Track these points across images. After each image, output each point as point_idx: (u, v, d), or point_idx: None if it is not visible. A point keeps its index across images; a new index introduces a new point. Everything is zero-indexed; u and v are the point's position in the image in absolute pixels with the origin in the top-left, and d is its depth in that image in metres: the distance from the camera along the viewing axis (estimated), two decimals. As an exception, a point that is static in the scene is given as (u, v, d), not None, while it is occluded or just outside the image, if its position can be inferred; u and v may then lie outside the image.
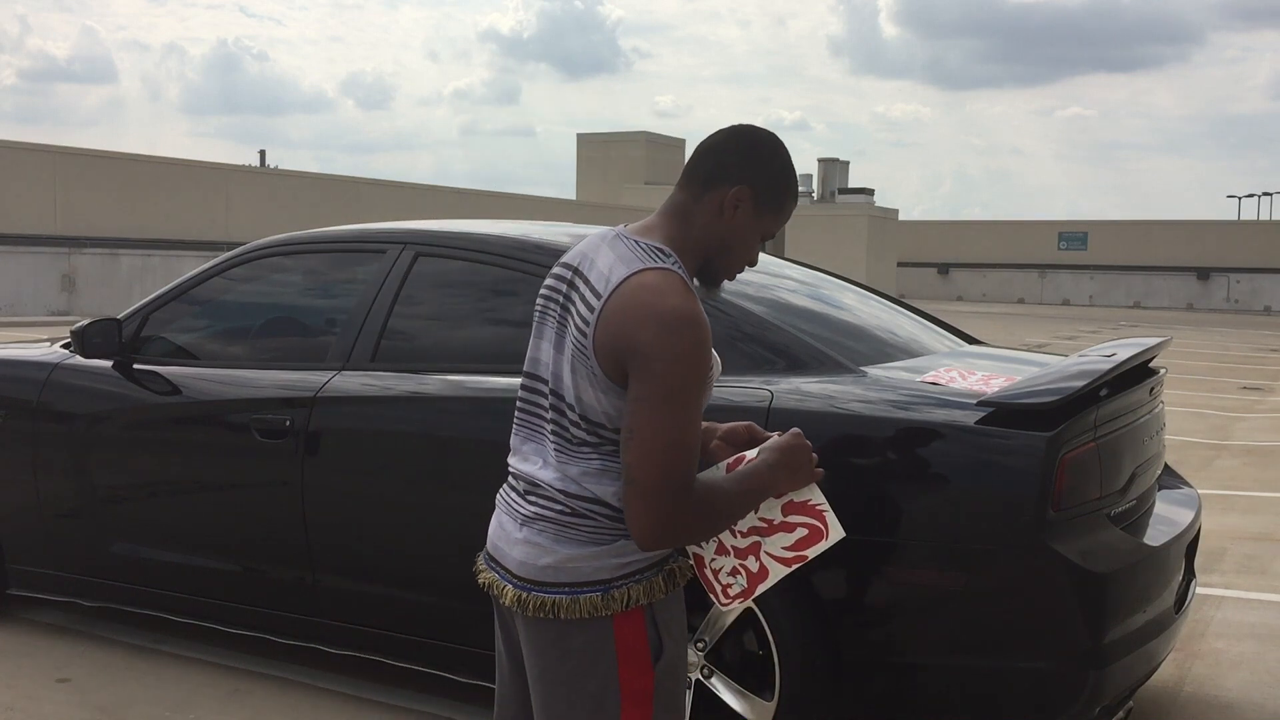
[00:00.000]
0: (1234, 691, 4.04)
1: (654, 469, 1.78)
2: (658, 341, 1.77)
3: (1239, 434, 10.27)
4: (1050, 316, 33.76)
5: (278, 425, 3.74)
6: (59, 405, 4.32)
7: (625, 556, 1.88)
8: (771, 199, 1.96)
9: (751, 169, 1.94)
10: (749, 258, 2.00)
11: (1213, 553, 5.76)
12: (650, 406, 1.78)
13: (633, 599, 1.87)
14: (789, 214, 2.01)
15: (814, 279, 4.15)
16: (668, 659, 1.92)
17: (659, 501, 1.79)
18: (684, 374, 1.79)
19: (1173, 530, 3.38)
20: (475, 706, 3.70)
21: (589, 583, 1.86)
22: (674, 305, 1.80)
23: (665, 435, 1.78)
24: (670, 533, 1.83)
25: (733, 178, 1.92)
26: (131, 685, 3.95)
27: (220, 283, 4.31)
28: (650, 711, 1.89)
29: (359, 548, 3.69)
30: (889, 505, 2.97)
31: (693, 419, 1.81)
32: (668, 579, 1.92)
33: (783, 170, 1.98)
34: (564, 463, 1.89)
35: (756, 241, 1.99)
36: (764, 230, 1.98)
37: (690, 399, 1.80)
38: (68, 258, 24.48)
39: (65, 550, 4.33)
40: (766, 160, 1.95)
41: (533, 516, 1.91)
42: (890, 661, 3.02)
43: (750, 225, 1.96)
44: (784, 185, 1.98)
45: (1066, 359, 3.39)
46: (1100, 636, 2.86)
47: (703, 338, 1.81)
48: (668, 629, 1.92)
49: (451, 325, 3.83)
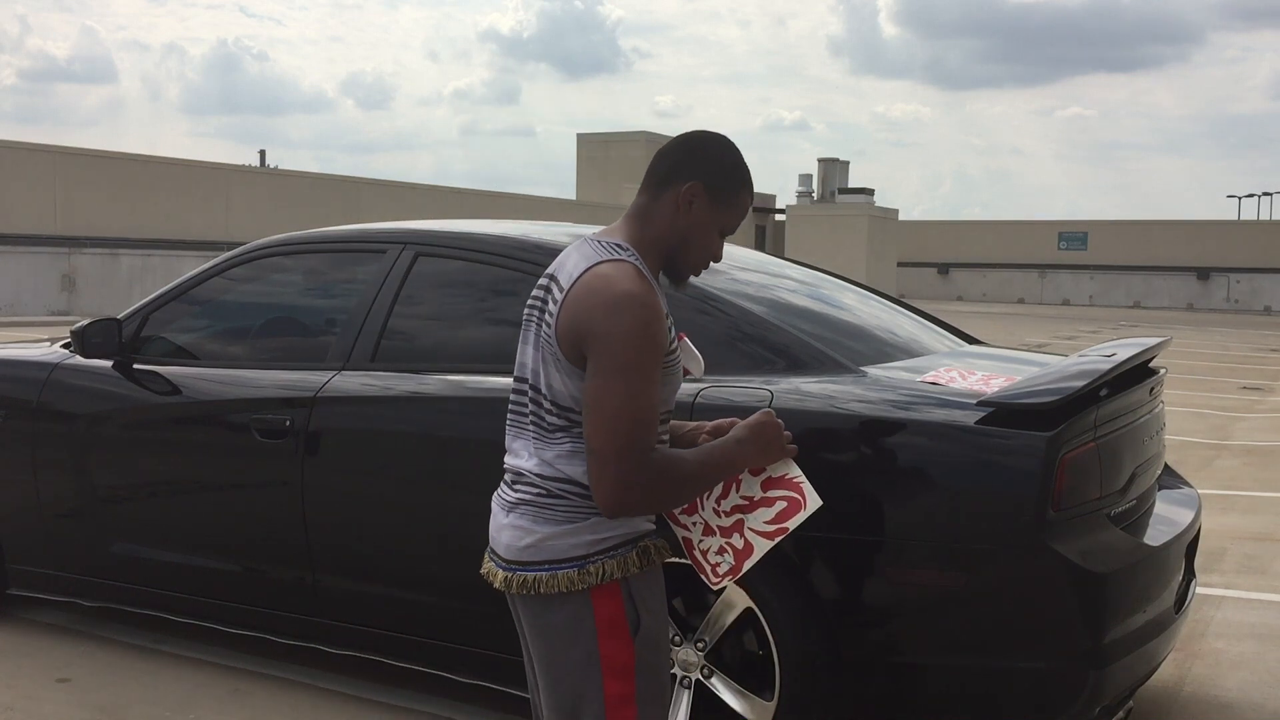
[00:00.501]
0: (1234, 691, 4.04)
1: (611, 437, 1.92)
2: (607, 321, 1.94)
3: (1239, 434, 10.27)
4: (1050, 316, 33.76)
5: (278, 425, 3.74)
6: (59, 405, 4.31)
7: (599, 533, 2.02)
8: (724, 193, 2.10)
9: (702, 166, 2.09)
10: (710, 251, 2.13)
11: (1213, 553, 5.76)
12: (604, 380, 1.94)
13: (607, 573, 2.01)
14: (745, 207, 2.14)
15: (814, 279, 4.15)
16: (646, 632, 2.05)
17: (617, 467, 1.93)
18: (633, 349, 1.94)
19: (1173, 530, 3.38)
20: (475, 706, 3.70)
21: (566, 559, 2.02)
22: (624, 289, 1.96)
23: (619, 406, 1.93)
24: (631, 497, 1.95)
25: (685, 175, 2.08)
26: (131, 685, 3.95)
27: (220, 283, 4.31)
28: (632, 684, 2.02)
29: (359, 548, 3.69)
30: (889, 505, 2.97)
31: (645, 390, 1.95)
32: (641, 555, 2.05)
33: (733, 166, 2.12)
34: (541, 449, 2.05)
35: (715, 235, 2.12)
36: (721, 224, 2.12)
37: (641, 373, 1.95)
38: (68, 258, 24.47)
39: (65, 550, 4.33)
40: (716, 157, 2.11)
41: (516, 502, 2.08)
42: (890, 661, 3.01)
43: (706, 220, 2.10)
44: (735, 179, 2.12)
45: (1066, 359, 3.39)
46: (1100, 636, 2.86)
47: (649, 317, 1.96)
48: (645, 604, 2.05)
49: (451, 325, 3.83)
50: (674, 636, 3.16)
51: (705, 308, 3.39)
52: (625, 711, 2.02)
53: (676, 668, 3.16)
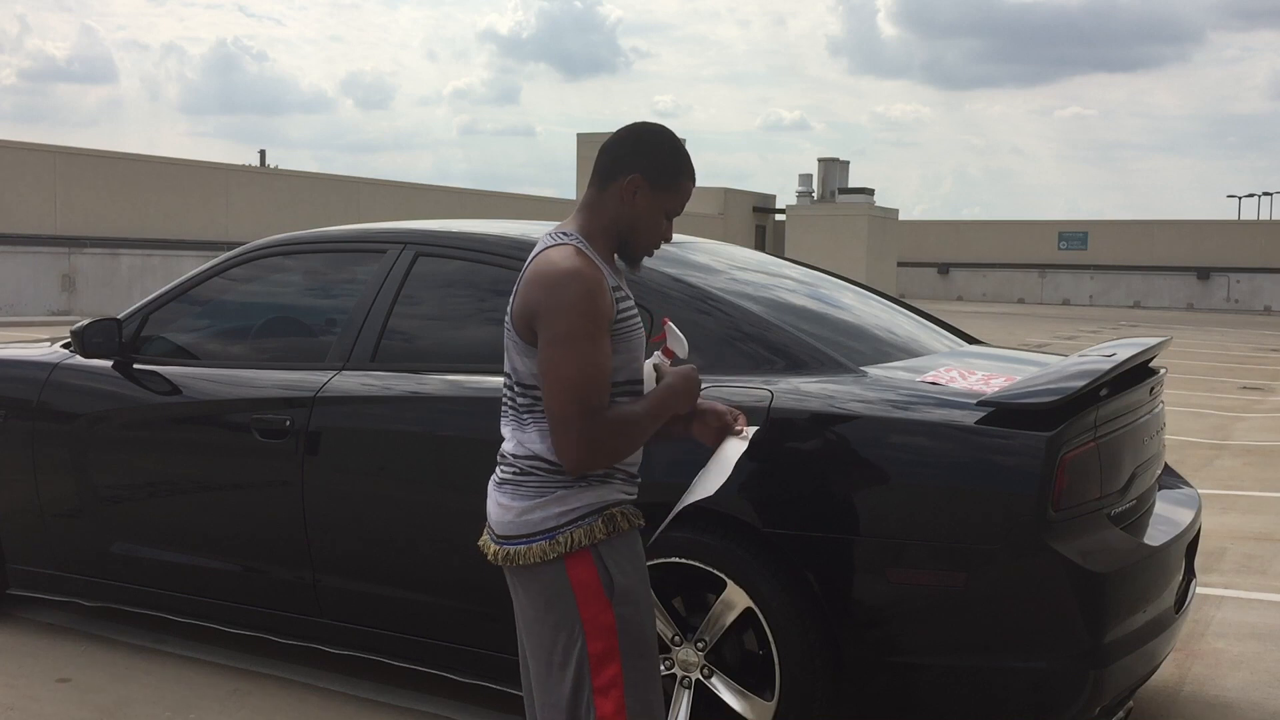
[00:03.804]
0: (1234, 691, 4.04)
1: (564, 399, 2.11)
2: (551, 297, 2.13)
3: (1239, 434, 10.27)
4: (1050, 316, 33.76)
5: (278, 425, 3.74)
6: (59, 405, 4.32)
7: (566, 505, 2.20)
8: (664, 181, 2.26)
9: (642, 158, 2.25)
10: (658, 234, 2.30)
11: (1213, 553, 5.76)
12: (555, 350, 2.12)
13: (576, 542, 2.19)
14: (687, 192, 2.30)
15: (814, 279, 4.15)
16: (622, 591, 2.21)
17: (574, 425, 2.11)
18: (578, 318, 2.12)
19: (1173, 530, 3.38)
20: (475, 706, 3.70)
21: (538, 532, 2.20)
22: (564, 267, 2.15)
23: (572, 371, 2.11)
24: (594, 453, 2.14)
25: (627, 168, 2.25)
26: (131, 685, 3.95)
27: (220, 283, 4.31)
28: (615, 640, 2.19)
29: (359, 548, 3.69)
30: (889, 505, 2.97)
31: (592, 355, 2.12)
32: (607, 522, 2.22)
33: (671, 154, 2.27)
34: (516, 431, 2.26)
35: (661, 219, 2.29)
36: (666, 209, 2.28)
37: (589, 339, 2.12)
38: (68, 258, 24.47)
39: (65, 550, 4.32)
40: (654, 147, 2.26)
41: (500, 482, 2.29)
42: (890, 661, 3.01)
43: (650, 206, 2.26)
44: (674, 167, 2.27)
45: (1066, 359, 3.39)
46: (1100, 636, 2.86)
47: (590, 287, 2.13)
48: (618, 566, 2.22)
49: (451, 325, 3.83)
50: (674, 636, 3.16)
51: (705, 307, 3.39)
52: (609, 668, 2.18)
53: (676, 668, 3.16)
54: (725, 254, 4.06)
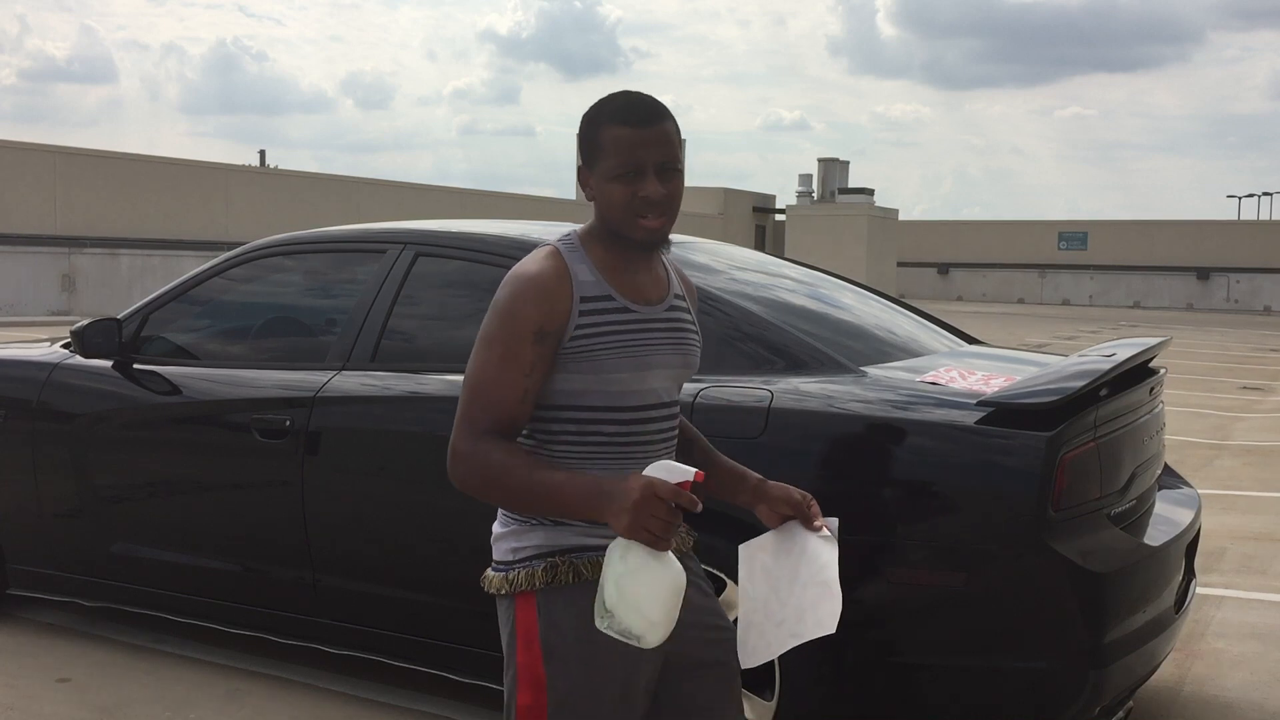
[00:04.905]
0: (1234, 691, 4.04)
1: (459, 404, 1.93)
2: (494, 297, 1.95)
3: (1239, 434, 10.27)
4: (1050, 316, 33.75)
5: (278, 425, 3.74)
6: (59, 405, 4.32)
7: (520, 541, 1.98)
8: (591, 151, 1.97)
9: (580, 152, 2.00)
10: (625, 205, 1.93)
11: (1213, 553, 5.76)
12: (473, 351, 1.95)
13: (518, 583, 1.96)
14: (622, 139, 1.92)
15: (813, 279, 4.15)
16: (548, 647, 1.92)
17: (454, 433, 1.90)
18: (495, 322, 1.92)
19: (1173, 530, 3.38)
20: (475, 706, 3.70)
21: (499, 562, 2.01)
22: (516, 270, 1.95)
23: (468, 374, 1.93)
24: (455, 468, 1.90)
25: (580, 170, 2.01)
26: (131, 685, 3.95)
27: (220, 283, 4.31)
28: (544, 700, 1.92)
29: (359, 548, 3.68)
30: (888, 505, 2.97)
31: (491, 364, 1.90)
32: (548, 570, 1.94)
33: (589, 120, 1.97)
34: None
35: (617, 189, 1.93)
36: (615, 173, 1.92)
37: (494, 346, 1.90)
38: (68, 258, 24.48)
39: (65, 550, 4.32)
40: (581, 134, 1.99)
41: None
42: (890, 661, 3.01)
43: (601, 185, 1.95)
44: (593, 127, 1.96)
45: (1066, 359, 3.39)
46: (1100, 636, 2.86)
47: (517, 292, 1.91)
48: (551, 621, 1.93)
49: (451, 325, 3.83)
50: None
51: (705, 307, 3.39)
52: None
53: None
54: (725, 254, 4.06)
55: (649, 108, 1.96)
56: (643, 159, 1.92)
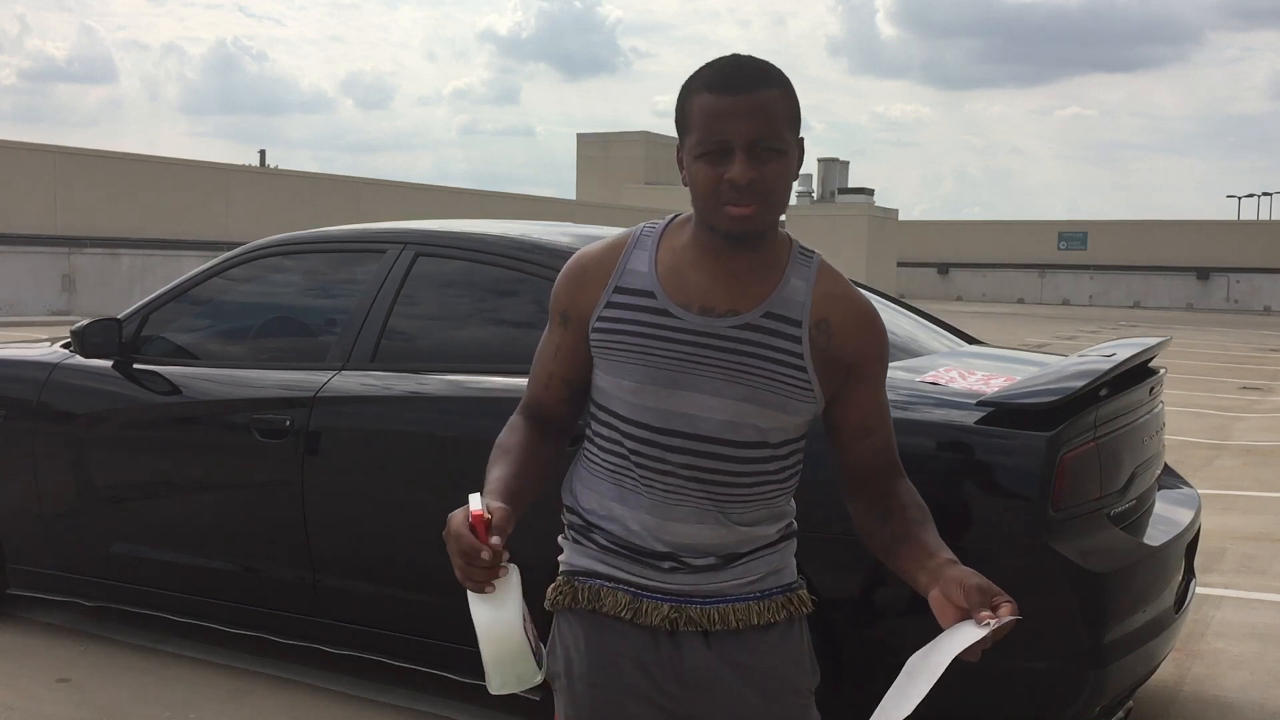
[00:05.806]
0: (1234, 691, 4.04)
1: None
2: None
3: (1239, 434, 10.27)
4: (1050, 316, 33.76)
5: (278, 425, 3.74)
6: (59, 405, 4.32)
7: (562, 556, 1.86)
8: (684, 122, 1.69)
9: (676, 126, 1.73)
10: (710, 189, 1.64)
11: (1213, 553, 5.76)
12: None
13: (551, 598, 1.83)
14: (711, 108, 1.62)
15: (814, 279, 4.14)
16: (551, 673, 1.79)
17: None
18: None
19: (1173, 530, 3.38)
20: (475, 706, 3.70)
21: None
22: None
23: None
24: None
25: (678, 148, 1.73)
26: (131, 685, 3.95)
27: (220, 283, 4.31)
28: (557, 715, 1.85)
29: (359, 548, 3.69)
30: (889, 505, 2.96)
31: (540, 344, 1.85)
32: (554, 590, 1.82)
33: (683, 90, 1.69)
34: None
35: (703, 169, 1.64)
36: (703, 146, 1.63)
37: (547, 326, 1.85)
38: (68, 258, 24.49)
39: (65, 550, 4.32)
40: (677, 103, 1.71)
41: None
42: (890, 661, 3.01)
43: (691, 163, 1.66)
44: (684, 99, 1.68)
45: (1066, 359, 3.39)
46: (1100, 636, 2.86)
47: (562, 271, 1.81)
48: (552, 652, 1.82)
49: (451, 325, 3.83)
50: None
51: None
52: None
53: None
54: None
55: (744, 72, 1.63)
56: (728, 134, 1.60)
